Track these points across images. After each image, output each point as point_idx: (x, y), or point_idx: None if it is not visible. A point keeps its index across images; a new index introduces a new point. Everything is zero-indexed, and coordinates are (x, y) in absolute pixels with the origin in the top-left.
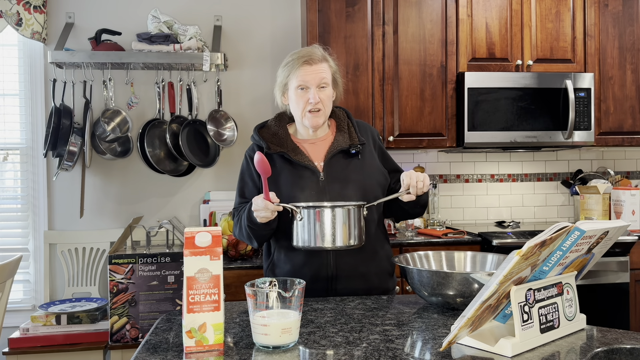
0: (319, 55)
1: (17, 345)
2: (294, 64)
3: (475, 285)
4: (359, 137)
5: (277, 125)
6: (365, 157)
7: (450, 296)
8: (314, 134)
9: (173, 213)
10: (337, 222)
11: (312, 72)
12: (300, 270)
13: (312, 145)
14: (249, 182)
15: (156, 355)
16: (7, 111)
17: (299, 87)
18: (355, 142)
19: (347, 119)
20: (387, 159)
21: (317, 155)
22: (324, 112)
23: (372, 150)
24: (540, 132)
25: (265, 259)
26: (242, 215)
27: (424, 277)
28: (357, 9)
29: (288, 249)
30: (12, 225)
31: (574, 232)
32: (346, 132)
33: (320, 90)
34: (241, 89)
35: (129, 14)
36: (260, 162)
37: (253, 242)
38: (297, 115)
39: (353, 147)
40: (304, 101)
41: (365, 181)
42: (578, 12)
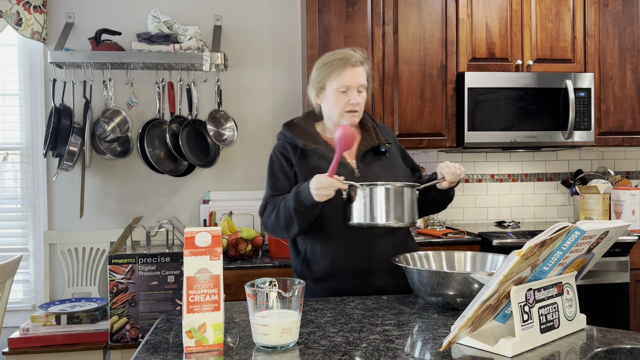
0: (360, 59)
1: (17, 345)
2: (336, 65)
3: (475, 285)
4: (385, 137)
5: (307, 123)
6: (392, 156)
7: (450, 296)
8: None
9: (173, 213)
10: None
11: (355, 76)
12: (338, 265)
13: None
14: (282, 175)
15: (156, 355)
16: (7, 111)
17: (340, 89)
18: (382, 141)
19: (372, 120)
20: (408, 157)
21: (348, 153)
22: (360, 114)
23: (395, 150)
24: (540, 132)
25: (295, 256)
26: (280, 203)
27: (424, 277)
28: (357, 9)
29: (324, 244)
30: (12, 225)
31: (574, 232)
32: (372, 132)
33: (359, 94)
34: (241, 89)
35: (129, 14)
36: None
37: (292, 229)
38: (333, 115)
39: (382, 146)
40: (344, 102)
41: (395, 178)
42: (578, 12)
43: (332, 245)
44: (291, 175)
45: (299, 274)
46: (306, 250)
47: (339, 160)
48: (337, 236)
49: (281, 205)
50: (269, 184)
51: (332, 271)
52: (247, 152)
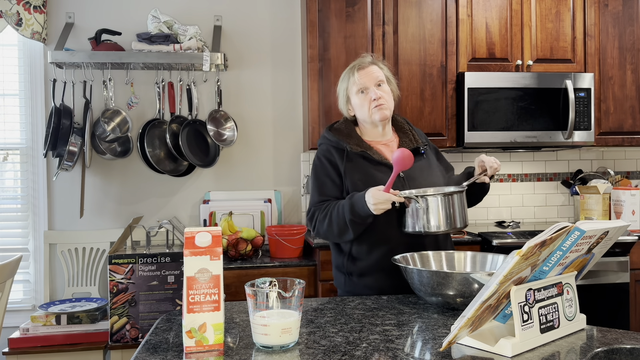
0: (368, 61)
1: (17, 345)
2: (348, 74)
3: (475, 285)
4: (422, 140)
5: (348, 127)
6: (429, 157)
7: (450, 296)
8: (383, 133)
9: (173, 213)
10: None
11: (367, 75)
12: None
13: (383, 146)
14: (328, 181)
15: (156, 355)
16: (7, 111)
17: (360, 92)
18: (420, 143)
19: (408, 124)
20: (441, 157)
21: (390, 154)
22: (388, 106)
23: (430, 152)
24: (540, 132)
25: (337, 254)
26: (333, 211)
27: (424, 277)
28: (357, 9)
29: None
30: (12, 225)
31: (574, 232)
32: (410, 134)
33: (379, 88)
34: (241, 89)
35: (129, 14)
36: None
37: (346, 236)
38: (364, 117)
39: (422, 148)
40: (368, 101)
41: (434, 179)
42: (578, 12)
43: (380, 242)
44: (337, 179)
45: (342, 269)
46: (352, 247)
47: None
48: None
49: (334, 214)
50: (315, 189)
51: (378, 267)
52: (247, 152)
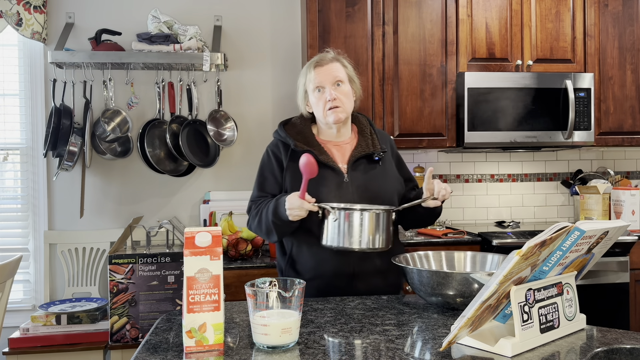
0: (330, 57)
1: (17, 345)
2: (307, 70)
3: (475, 285)
4: (381, 145)
5: (302, 124)
6: (385, 165)
7: (450, 296)
8: (338, 134)
9: (173, 213)
10: (369, 225)
11: (325, 73)
12: (323, 266)
13: (336, 147)
14: (270, 177)
15: (156, 355)
16: (7, 111)
17: (316, 89)
18: (377, 149)
19: (370, 126)
20: (403, 167)
21: (341, 157)
22: (344, 108)
23: (390, 159)
24: (540, 132)
25: (281, 255)
26: (263, 210)
27: (424, 277)
28: (357, 9)
29: (310, 245)
30: (12, 225)
31: (574, 232)
32: (369, 138)
33: (337, 88)
34: (241, 89)
35: (129, 14)
36: (309, 164)
37: (272, 237)
38: (320, 116)
39: (377, 154)
40: (324, 101)
41: (386, 188)
42: (578, 12)
43: (316, 247)
44: (279, 176)
45: (283, 273)
46: (292, 250)
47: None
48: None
49: (263, 213)
50: (257, 184)
51: (317, 272)
52: (247, 152)
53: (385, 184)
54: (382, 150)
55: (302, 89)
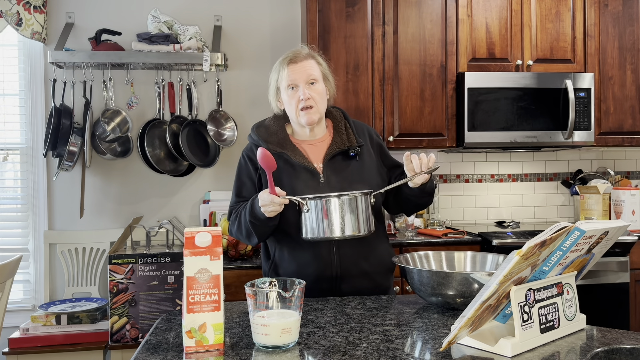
0: (304, 54)
1: (17, 345)
2: (279, 66)
3: (475, 285)
4: (357, 138)
5: (276, 125)
6: (363, 158)
7: (450, 296)
8: (312, 133)
9: (173, 213)
10: (345, 210)
11: (298, 70)
12: (304, 270)
13: (310, 146)
14: (247, 181)
15: (156, 355)
16: (7, 111)
17: (289, 87)
18: (353, 143)
19: (344, 120)
20: (386, 155)
21: (316, 156)
22: (317, 109)
23: (370, 150)
24: (540, 132)
25: (265, 259)
26: (241, 212)
27: (424, 277)
28: (357, 9)
29: (291, 248)
30: (12, 225)
31: (574, 232)
32: (344, 133)
33: (310, 87)
34: (241, 89)
35: (129, 14)
36: (264, 157)
37: (253, 239)
38: (292, 116)
39: (352, 150)
40: (296, 100)
41: (364, 183)
42: (578, 12)
43: (299, 250)
44: (256, 180)
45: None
46: (275, 254)
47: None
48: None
49: (241, 216)
50: (234, 189)
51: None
52: None
53: (364, 179)
54: (359, 144)
55: (275, 85)
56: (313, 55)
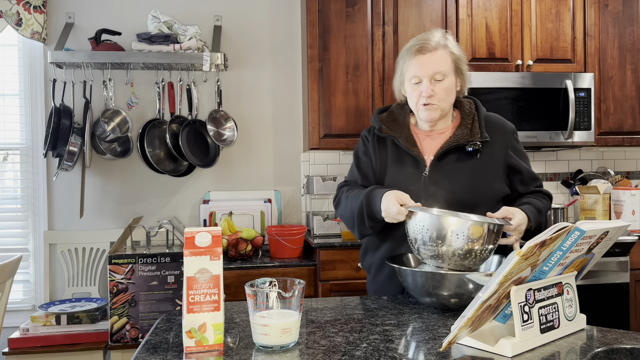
0: (435, 42)
1: (17, 346)
2: (407, 53)
3: (471, 285)
4: (482, 133)
5: (399, 112)
6: (485, 159)
7: (445, 297)
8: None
9: (173, 213)
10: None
11: (424, 64)
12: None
13: (428, 137)
14: (363, 157)
15: (156, 355)
16: (7, 111)
17: (413, 81)
18: (476, 138)
19: (475, 112)
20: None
21: (430, 148)
22: (439, 106)
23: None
24: (540, 132)
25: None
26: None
27: (418, 278)
28: (357, 9)
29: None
30: (12, 225)
31: (574, 232)
32: (468, 127)
33: (435, 83)
34: (241, 89)
35: (129, 14)
36: None
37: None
38: (413, 108)
39: (471, 145)
40: (417, 94)
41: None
42: (578, 12)
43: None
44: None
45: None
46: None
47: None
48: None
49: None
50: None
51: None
52: (247, 152)
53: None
54: (482, 140)
55: (400, 72)
56: (446, 42)
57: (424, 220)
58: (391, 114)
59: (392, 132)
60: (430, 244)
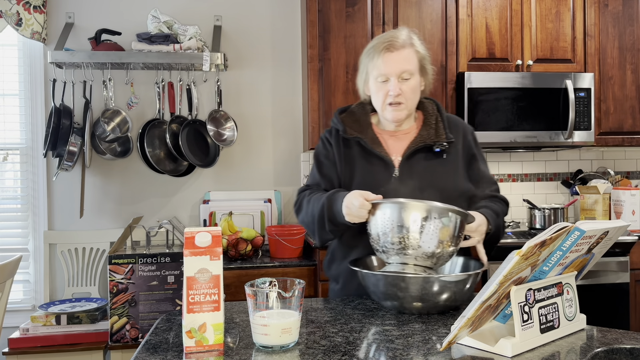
0: (402, 40)
1: (17, 346)
2: (374, 51)
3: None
4: (447, 134)
5: (360, 112)
6: (452, 159)
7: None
8: (397, 127)
9: (173, 213)
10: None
11: (392, 62)
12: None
13: (392, 137)
14: (326, 161)
15: (156, 356)
16: (7, 111)
17: (379, 79)
18: (441, 138)
19: (437, 113)
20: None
21: (396, 149)
22: (406, 106)
23: (461, 152)
24: (540, 132)
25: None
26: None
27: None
28: (357, 9)
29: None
30: (12, 225)
31: (574, 232)
32: (433, 128)
33: (403, 82)
34: (241, 89)
35: (129, 14)
36: None
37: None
38: (377, 108)
39: (438, 145)
40: (384, 93)
41: (446, 186)
42: (578, 12)
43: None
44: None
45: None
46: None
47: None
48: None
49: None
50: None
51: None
52: (247, 152)
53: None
54: (448, 140)
55: (364, 70)
56: (412, 41)
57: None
58: (352, 114)
59: (356, 133)
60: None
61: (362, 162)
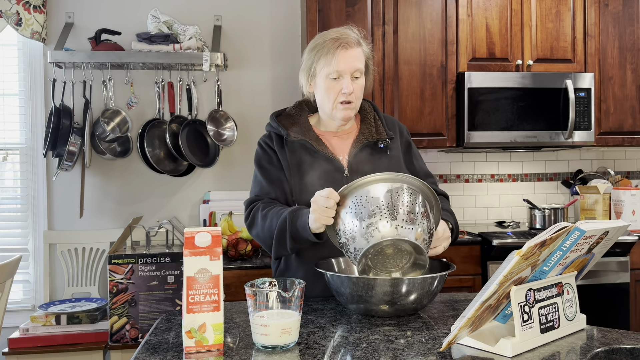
0: (354, 38)
1: (17, 346)
2: (326, 47)
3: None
4: (387, 131)
5: (298, 114)
6: (394, 154)
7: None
8: (339, 127)
9: (173, 213)
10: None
11: (348, 59)
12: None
13: (335, 137)
14: (269, 166)
15: (156, 356)
16: (7, 111)
17: (331, 76)
18: (383, 135)
19: (374, 112)
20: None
21: (340, 149)
22: (355, 105)
23: (399, 147)
24: (540, 132)
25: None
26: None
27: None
28: (357, 9)
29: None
30: (12, 225)
31: (574, 232)
32: (372, 125)
33: (354, 80)
34: (241, 89)
35: (129, 14)
36: None
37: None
38: (325, 107)
39: (381, 141)
40: (336, 92)
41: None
42: (578, 12)
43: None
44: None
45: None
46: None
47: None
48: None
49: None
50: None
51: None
52: (247, 152)
53: None
54: (389, 136)
55: (311, 66)
56: (360, 40)
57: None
58: (289, 116)
59: (300, 135)
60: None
61: (310, 165)
